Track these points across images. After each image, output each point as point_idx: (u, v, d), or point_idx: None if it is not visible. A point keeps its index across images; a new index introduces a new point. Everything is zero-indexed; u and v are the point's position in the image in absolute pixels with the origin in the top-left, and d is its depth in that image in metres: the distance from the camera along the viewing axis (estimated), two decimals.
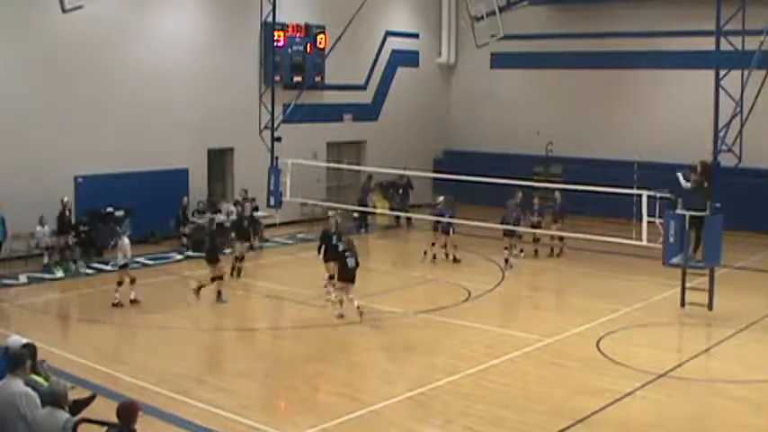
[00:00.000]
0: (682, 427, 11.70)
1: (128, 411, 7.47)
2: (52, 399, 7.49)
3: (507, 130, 31.59)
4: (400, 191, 28.40)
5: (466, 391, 12.69)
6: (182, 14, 25.03)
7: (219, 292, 17.88)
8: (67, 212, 21.58)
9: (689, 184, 16.45)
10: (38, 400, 7.53)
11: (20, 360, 7.90)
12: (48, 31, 21.67)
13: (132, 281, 17.64)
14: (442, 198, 22.84)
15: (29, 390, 7.64)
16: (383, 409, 11.96)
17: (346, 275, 16.64)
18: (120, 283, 17.52)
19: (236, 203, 23.87)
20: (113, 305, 17.30)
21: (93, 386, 11.50)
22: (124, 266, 17.62)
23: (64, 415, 7.42)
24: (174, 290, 19.70)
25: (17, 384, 7.65)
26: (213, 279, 17.96)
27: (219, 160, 26.58)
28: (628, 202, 20.36)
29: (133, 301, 17.51)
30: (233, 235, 21.04)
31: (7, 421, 7.49)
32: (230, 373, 13.55)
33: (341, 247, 17.09)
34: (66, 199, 21.53)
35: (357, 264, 16.70)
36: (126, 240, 17.75)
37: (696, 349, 15.20)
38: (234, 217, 24.02)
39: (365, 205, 27.06)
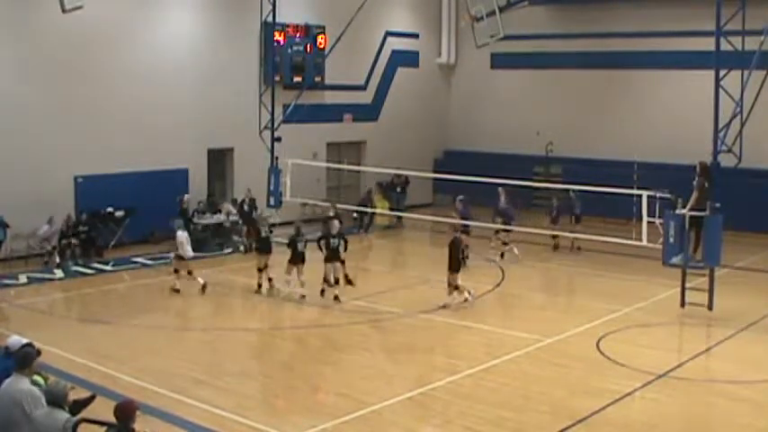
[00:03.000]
0: (682, 427, 11.70)
1: (125, 411, 7.45)
2: (52, 398, 7.49)
3: (507, 130, 31.58)
4: (399, 189, 28.40)
5: (466, 391, 12.69)
6: (182, 14, 25.02)
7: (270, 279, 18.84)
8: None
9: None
10: (43, 400, 7.54)
11: (27, 359, 7.92)
12: (48, 31, 21.68)
13: (189, 272, 18.72)
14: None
15: (34, 389, 7.66)
16: (383, 409, 11.95)
17: (292, 258, 18.22)
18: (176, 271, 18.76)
19: (241, 202, 23.93)
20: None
21: (93, 386, 11.49)
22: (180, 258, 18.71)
23: (64, 415, 7.42)
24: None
25: (23, 383, 7.67)
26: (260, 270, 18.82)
27: (219, 160, 26.58)
28: (628, 202, 20.40)
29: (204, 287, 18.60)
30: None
31: (13, 419, 7.50)
32: (230, 373, 13.54)
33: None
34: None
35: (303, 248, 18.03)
36: (180, 233, 18.79)
37: (696, 349, 15.20)
38: (235, 217, 24.09)
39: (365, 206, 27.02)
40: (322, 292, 18.06)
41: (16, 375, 7.73)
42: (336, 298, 17.76)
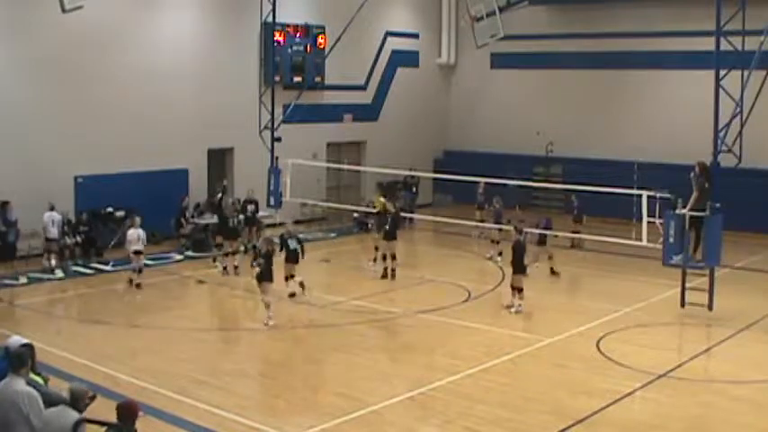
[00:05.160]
0: (682, 427, 11.69)
1: (128, 411, 7.48)
2: (72, 399, 7.54)
3: (507, 131, 31.59)
4: (414, 189, 28.32)
5: (466, 391, 12.69)
6: (182, 14, 25.02)
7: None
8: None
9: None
10: (40, 401, 7.54)
11: (22, 360, 7.91)
12: (48, 32, 21.66)
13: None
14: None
15: (31, 390, 7.65)
16: (383, 409, 11.95)
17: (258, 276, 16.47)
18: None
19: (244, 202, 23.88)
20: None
21: (93, 386, 11.42)
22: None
23: (75, 414, 7.46)
24: (174, 290, 19.70)
25: (20, 384, 7.66)
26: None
27: (219, 160, 26.57)
28: (628, 202, 20.43)
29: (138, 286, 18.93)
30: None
31: (10, 421, 7.50)
32: (230, 373, 13.54)
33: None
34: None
35: (264, 266, 16.24)
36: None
37: (696, 349, 15.20)
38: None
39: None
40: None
41: (12, 376, 7.72)
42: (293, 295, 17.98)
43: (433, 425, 11.60)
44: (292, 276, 18.09)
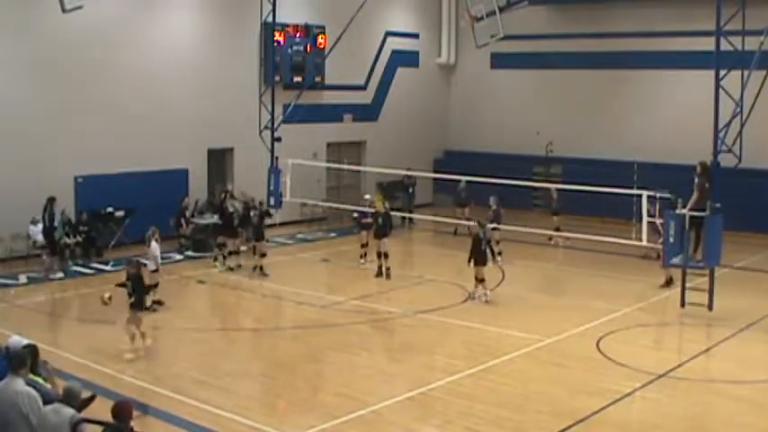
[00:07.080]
0: (682, 427, 11.70)
1: (123, 410, 7.53)
2: (66, 397, 7.56)
3: (507, 131, 31.59)
4: (410, 190, 28.35)
5: (466, 391, 12.70)
6: (182, 14, 25.01)
7: None
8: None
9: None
10: (39, 401, 7.57)
11: (22, 360, 7.94)
12: (48, 31, 21.67)
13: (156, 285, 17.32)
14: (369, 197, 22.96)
15: (30, 390, 7.68)
16: (383, 409, 11.96)
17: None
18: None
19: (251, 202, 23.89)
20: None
21: (93, 386, 11.49)
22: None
23: (70, 411, 7.50)
24: (175, 290, 19.69)
25: (19, 384, 7.68)
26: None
27: (219, 160, 26.57)
28: (628, 202, 20.45)
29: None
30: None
31: (9, 421, 7.52)
32: (230, 373, 13.55)
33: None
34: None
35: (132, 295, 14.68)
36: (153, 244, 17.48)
37: (696, 349, 15.20)
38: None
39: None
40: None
41: (11, 376, 7.74)
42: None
43: (433, 425, 11.61)
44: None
